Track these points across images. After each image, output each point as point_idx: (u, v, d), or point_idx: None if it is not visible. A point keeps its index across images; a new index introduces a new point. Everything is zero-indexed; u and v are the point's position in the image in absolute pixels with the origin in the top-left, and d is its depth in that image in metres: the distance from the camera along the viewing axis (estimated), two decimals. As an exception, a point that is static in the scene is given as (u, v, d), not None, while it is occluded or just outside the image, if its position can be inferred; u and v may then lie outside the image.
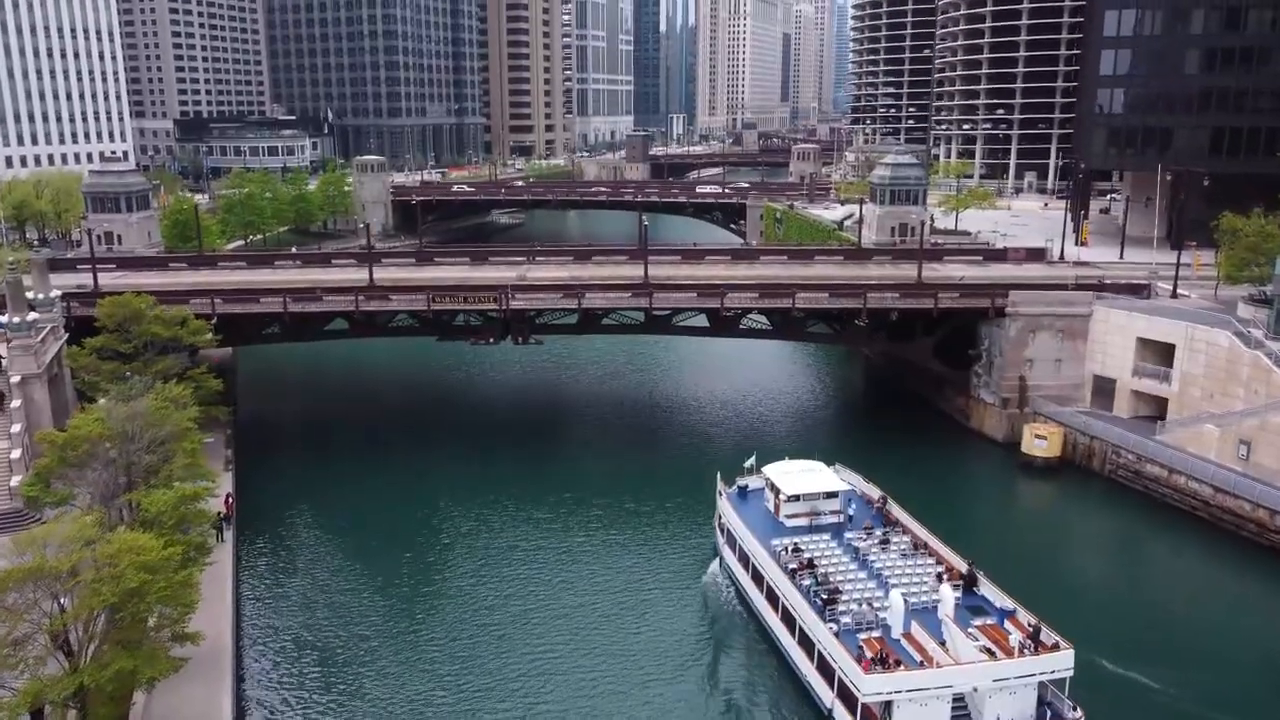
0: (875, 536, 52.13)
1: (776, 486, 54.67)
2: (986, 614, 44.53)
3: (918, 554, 50.40)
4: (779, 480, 54.80)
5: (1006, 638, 42.45)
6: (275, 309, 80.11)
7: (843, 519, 53.90)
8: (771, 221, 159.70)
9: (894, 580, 47.41)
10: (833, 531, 52.61)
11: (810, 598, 45.45)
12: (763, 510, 55.45)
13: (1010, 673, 40.34)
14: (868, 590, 46.74)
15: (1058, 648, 41.12)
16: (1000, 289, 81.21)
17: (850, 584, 47.30)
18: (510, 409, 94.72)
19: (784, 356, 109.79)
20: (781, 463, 57.43)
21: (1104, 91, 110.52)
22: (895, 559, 49.94)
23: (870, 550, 50.72)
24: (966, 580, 46.61)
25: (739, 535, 53.77)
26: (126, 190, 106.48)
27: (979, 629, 43.14)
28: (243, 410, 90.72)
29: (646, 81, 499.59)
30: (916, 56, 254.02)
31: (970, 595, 45.75)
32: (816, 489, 54.10)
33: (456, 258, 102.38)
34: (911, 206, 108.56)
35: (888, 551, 50.82)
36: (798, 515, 53.49)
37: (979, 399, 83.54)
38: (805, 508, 53.68)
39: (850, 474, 59.32)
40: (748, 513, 55.05)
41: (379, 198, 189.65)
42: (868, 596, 45.95)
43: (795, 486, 54.12)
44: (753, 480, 58.48)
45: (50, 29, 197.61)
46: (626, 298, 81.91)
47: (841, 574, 48.25)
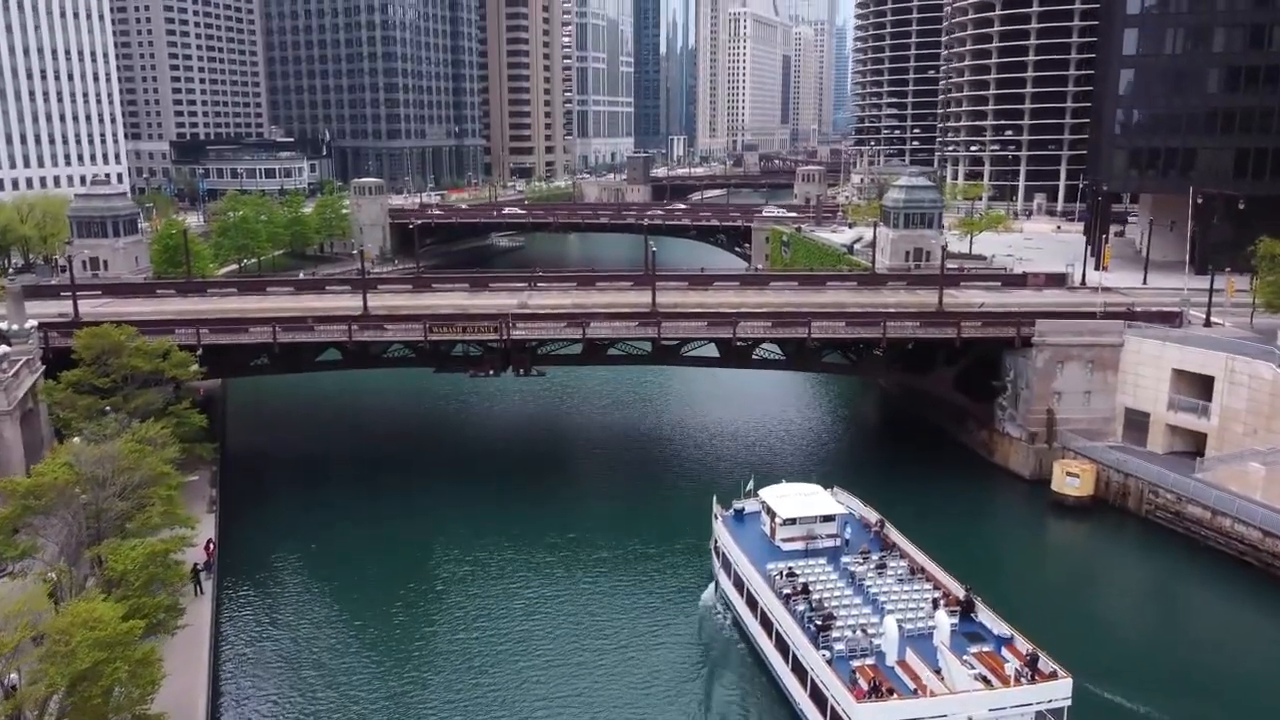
0: (872, 561, 50.89)
1: (772, 510, 53.73)
2: (984, 641, 43.52)
3: (915, 579, 49.23)
4: (775, 503, 53.82)
5: (1003, 666, 41.30)
6: (264, 339, 76.25)
7: (839, 543, 52.87)
8: (778, 245, 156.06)
9: (890, 606, 46.24)
10: (829, 556, 51.68)
11: (804, 623, 44.60)
12: (759, 534, 54.51)
13: (1006, 702, 39.36)
14: (863, 616, 45.69)
15: (1055, 676, 40.04)
16: (1026, 317, 77.31)
17: (845, 610, 46.30)
18: (509, 440, 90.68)
19: (794, 385, 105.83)
20: (778, 485, 56.48)
21: (1123, 112, 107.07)
22: (892, 584, 48.75)
23: (866, 575, 49.53)
24: (964, 606, 45.51)
25: (734, 559, 52.74)
26: (113, 214, 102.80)
27: (975, 656, 42.14)
28: (232, 443, 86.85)
29: (647, 103, 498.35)
30: (921, 77, 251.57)
31: (967, 622, 44.75)
32: (813, 512, 53.24)
33: (455, 284, 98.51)
34: (926, 230, 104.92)
35: (884, 576, 49.61)
36: (794, 539, 52.64)
37: (1003, 433, 79.50)
38: (801, 531, 52.80)
39: (848, 497, 58.18)
40: (743, 536, 53.94)
41: (377, 220, 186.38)
42: (862, 623, 44.91)
43: (791, 510, 53.23)
44: (749, 503, 57.48)
45: (44, 50, 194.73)
46: (633, 327, 78.03)
47: (836, 599, 47.26)
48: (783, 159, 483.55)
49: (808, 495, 54.98)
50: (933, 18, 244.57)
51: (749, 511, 57.03)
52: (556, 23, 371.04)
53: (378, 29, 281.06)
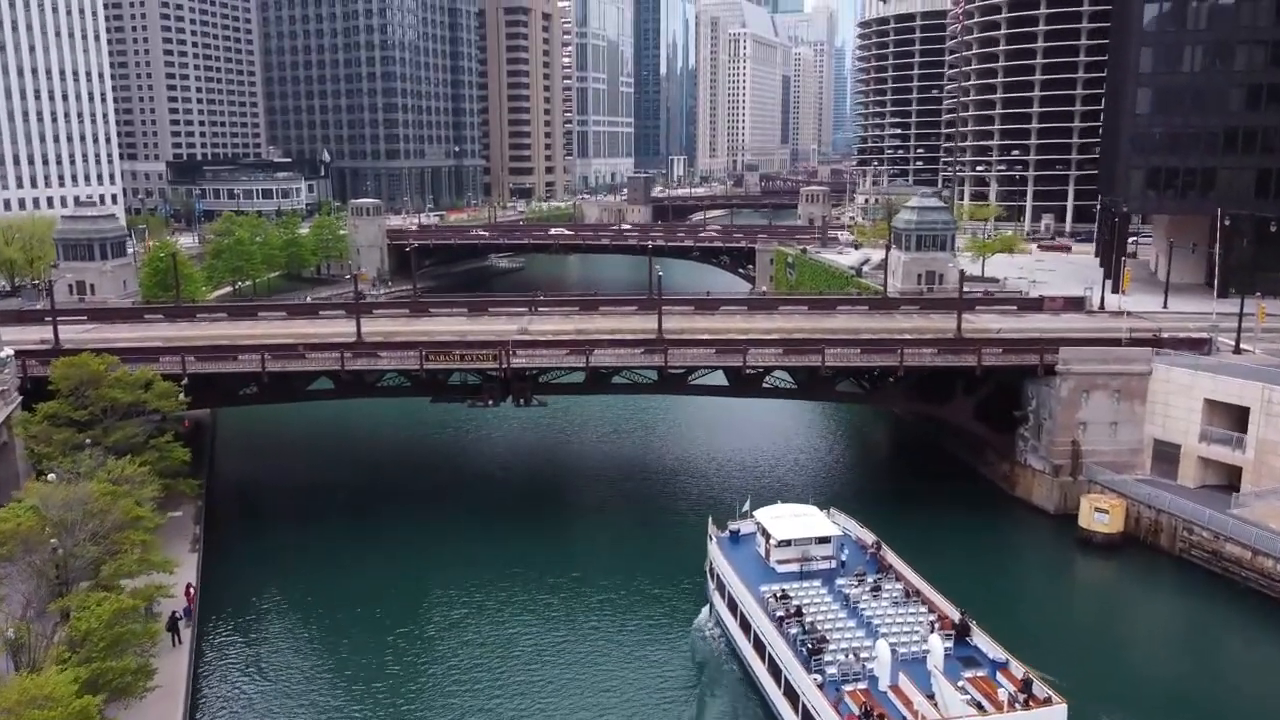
0: (867, 583, 50.11)
1: (767, 531, 53.04)
2: (978, 665, 42.80)
3: (910, 602, 48.49)
4: (770, 525, 53.19)
5: (997, 691, 40.66)
6: (253, 368, 72.82)
7: (835, 565, 52.24)
8: (783, 267, 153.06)
9: (883, 629, 45.59)
10: (824, 578, 51.00)
11: (796, 647, 44.07)
12: (753, 555, 53.90)
13: None
14: (856, 639, 45.04)
15: (1050, 702, 39.29)
16: (1049, 344, 74.01)
17: (838, 633, 45.66)
18: (508, 470, 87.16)
19: (802, 409, 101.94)
20: (774, 506, 56.03)
21: (1140, 131, 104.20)
22: (886, 607, 47.98)
23: (861, 598, 48.79)
24: (959, 630, 44.94)
25: (728, 581, 52.12)
26: (100, 236, 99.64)
27: (970, 681, 41.25)
28: (221, 474, 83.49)
29: (647, 123, 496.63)
30: (924, 97, 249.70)
31: (962, 645, 44.21)
32: (808, 534, 52.64)
33: (453, 308, 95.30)
34: (939, 253, 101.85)
35: (879, 599, 48.82)
36: (788, 560, 51.98)
37: (1026, 465, 76.02)
38: (796, 553, 52.09)
39: (845, 518, 57.63)
40: (738, 558, 53.39)
41: (374, 242, 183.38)
42: (855, 646, 44.19)
43: (786, 531, 52.63)
44: (745, 524, 56.77)
45: (38, 71, 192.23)
46: (638, 354, 74.72)
47: (830, 622, 46.60)
48: (783, 179, 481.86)
49: (803, 516, 54.25)
50: (935, 37, 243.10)
51: (744, 533, 56.27)
52: (556, 43, 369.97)
53: (376, 49, 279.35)
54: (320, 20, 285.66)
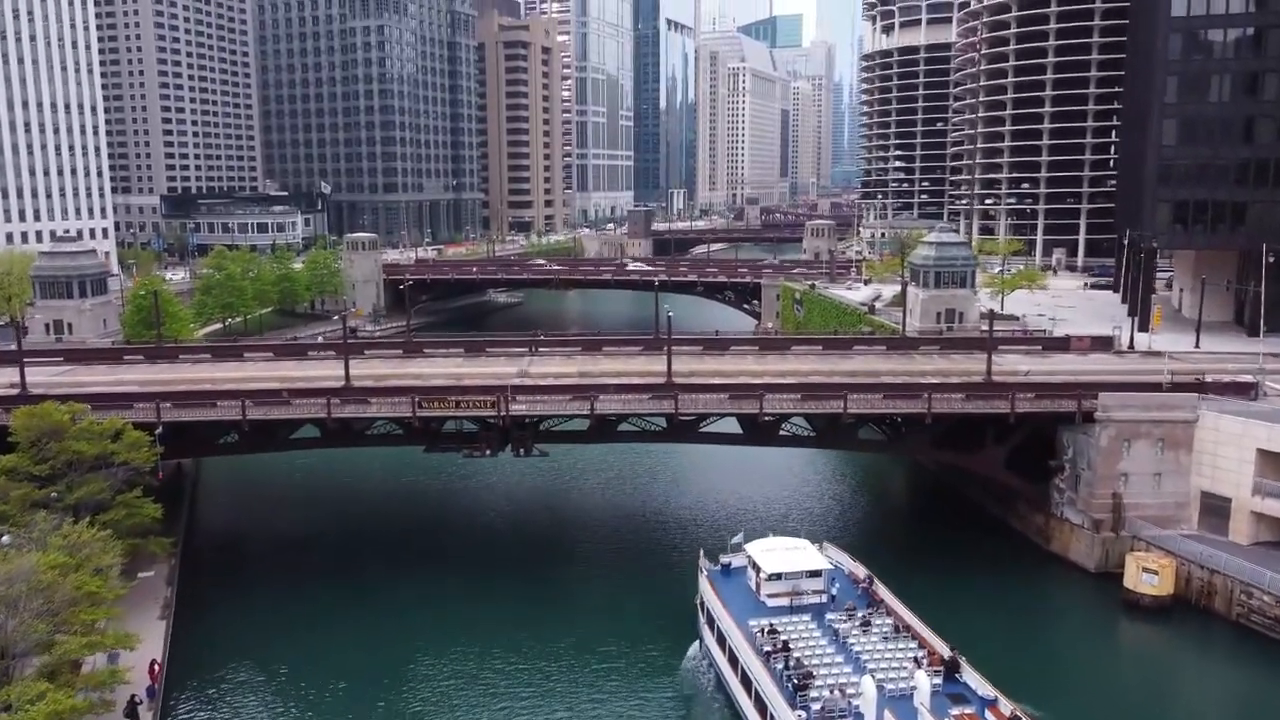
0: (857, 618, 49.35)
1: (757, 565, 52.48)
2: (967, 702, 41.60)
3: (899, 637, 47.67)
4: (760, 558, 52.61)
5: None
6: (233, 415, 67.80)
7: (825, 599, 51.53)
8: (790, 303, 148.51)
9: (871, 665, 44.79)
10: (813, 612, 50.28)
11: (781, 682, 43.55)
12: (744, 589, 53.35)
13: None
14: (843, 675, 44.20)
15: None
16: (1087, 389, 69.12)
17: (825, 668, 44.91)
18: (502, 514, 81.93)
19: (811, 455, 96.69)
20: (765, 539, 55.51)
21: (1166, 164, 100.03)
22: (875, 642, 47.19)
23: (851, 633, 48.05)
24: (948, 666, 44.10)
25: (717, 615, 51.61)
26: (80, 273, 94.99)
27: (957, 718, 40.00)
28: (200, 527, 78.28)
29: (646, 157, 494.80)
30: (929, 130, 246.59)
31: (952, 682, 43.17)
32: (799, 567, 52.00)
33: (449, 349, 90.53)
34: (959, 290, 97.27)
35: (869, 634, 48.02)
36: (779, 595, 51.40)
37: (1062, 518, 70.86)
38: (786, 587, 51.48)
39: (837, 551, 57.14)
40: (728, 592, 52.90)
41: (370, 276, 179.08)
42: (842, 682, 43.43)
43: (776, 565, 52.01)
44: (736, 558, 56.19)
45: (29, 103, 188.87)
46: (646, 401, 69.81)
47: (817, 657, 45.86)
48: (784, 212, 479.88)
49: (794, 550, 53.60)
50: (940, 69, 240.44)
51: (735, 566, 55.76)
52: (556, 77, 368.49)
53: (375, 82, 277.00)
54: (318, 53, 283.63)
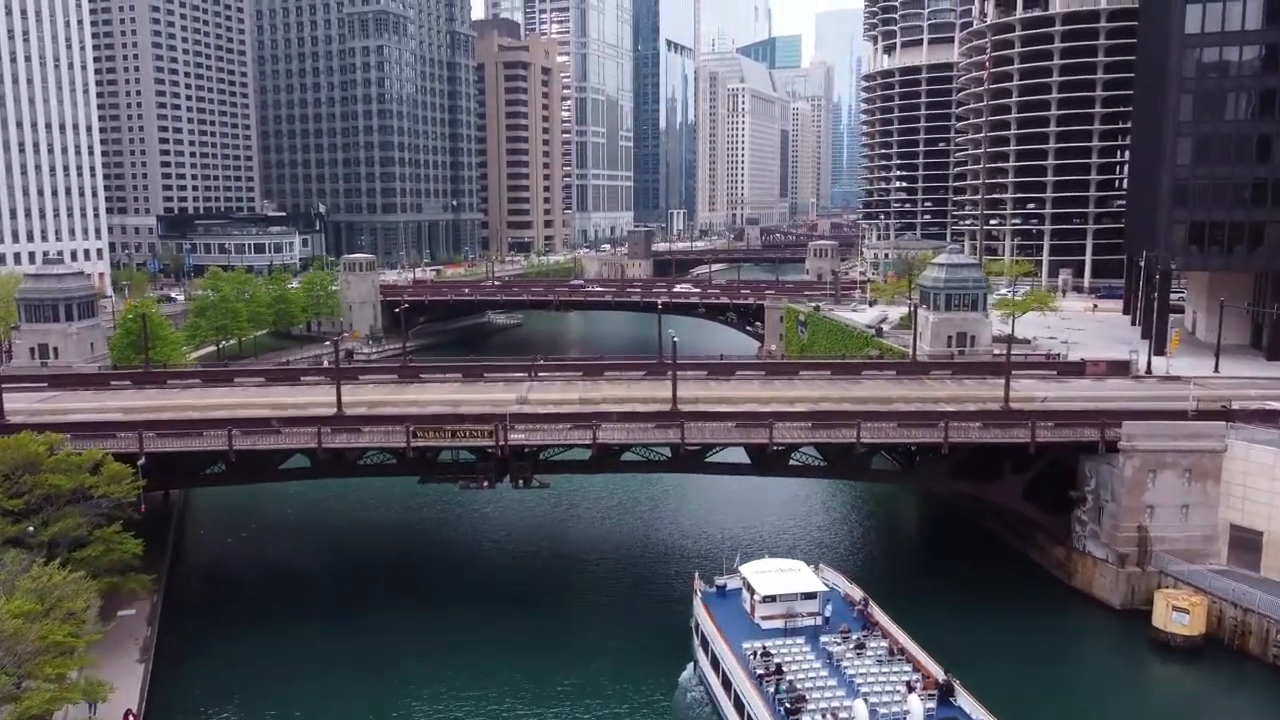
0: (851, 640, 48.88)
1: (752, 586, 52.18)
2: None
3: (894, 660, 47.26)
4: (754, 580, 52.34)
5: None
6: (219, 445, 64.87)
7: (819, 621, 51.10)
8: (794, 325, 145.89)
9: (865, 688, 44.47)
10: (808, 634, 49.90)
11: (774, 706, 43.21)
12: (738, 611, 53.01)
13: None
14: (835, 699, 43.79)
15: None
16: (1110, 417, 66.34)
17: (818, 691, 44.42)
18: (501, 549, 78.66)
19: (818, 481, 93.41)
20: (760, 561, 55.35)
21: (1181, 183, 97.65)
22: (869, 665, 46.75)
23: (844, 655, 47.65)
24: (943, 690, 43.53)
25: (711, 637, 51.11)
26: (66, 296, 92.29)
27: None
28: (187, 560, 75.40)
29: (646, 177, 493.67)
30: (931, 150, 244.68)
31: (946, 706, 42.93)
32: (793, 589, 51.63)
33: (446, 374, 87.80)
34: (970, 313, 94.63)
35: (863, 657, 47.58)
36: (773, 617, 51.13)
37: (1085, 552, 67.91)
38: (781, 609, 51.15)
39: (832, 573, 56.93)
40: (723, 614, 52.40)
41: (368, 298, 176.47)
42: (834, 705, 43.05)
43: (771, 587, 51.66)
44: (731, 580, 56.07)
45: (23, 123, 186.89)
46: (650, 429, 67.03)
47: (810, 680, 45.35)
48: (784, 232, 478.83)
49: (789, 572, 53.38)
50: (942, 89, 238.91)
51: (731, 588, 55.49)
52: (556, 97, 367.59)
53: (374, 102, 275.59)
54: (317, 74, 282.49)
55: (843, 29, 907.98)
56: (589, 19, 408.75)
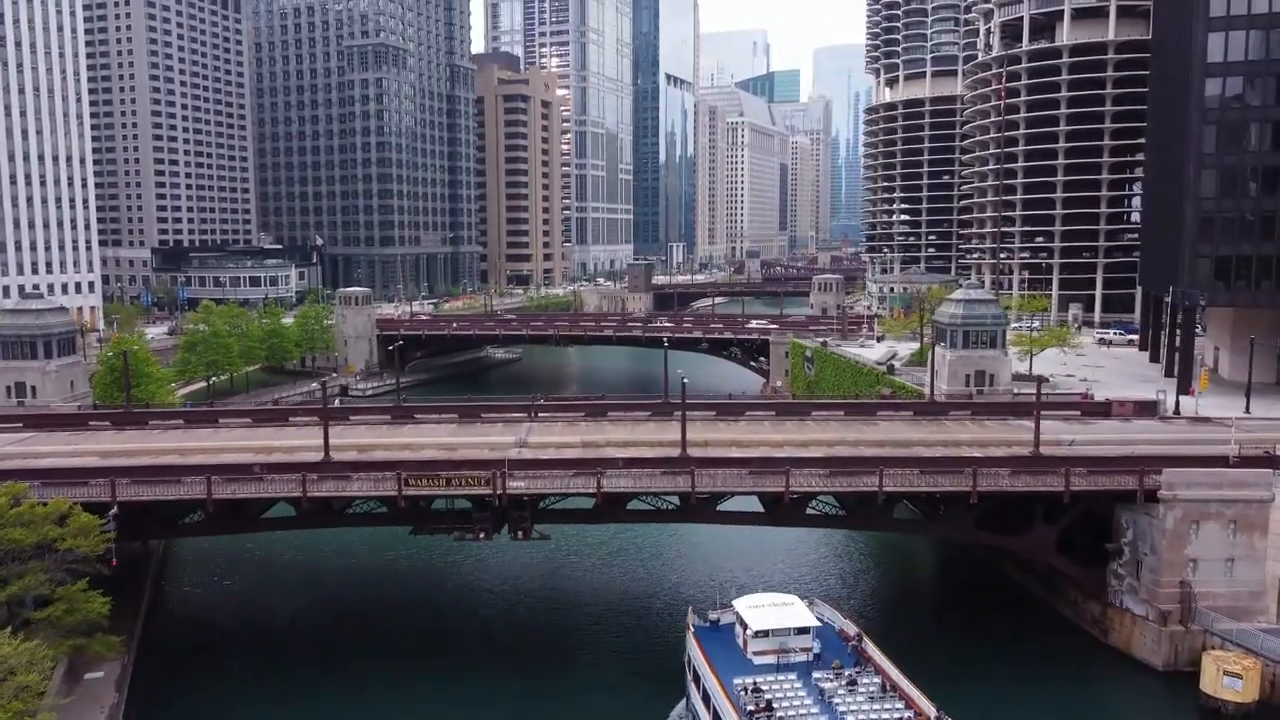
0: (844, 676, 47.85)
1: (744, 621, 51.55)
2: None
3: (886, 696, 46.21)
4: (747, 614, 51.73)
5: None
6: (198, 493, 60.71)
7: (812, 657, 50.25)
8: (800, 360, 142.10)
9: None
10: (800, 670, 49.06)
11: None
12: (731, 646, 52.34)
13: None
14: None
15: None
16: (1148, 463, 62.26)
17: None
18: (497, 596, 74.05)
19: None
20: (753, 595, 55.02)
21: (1205, 217, 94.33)
22: (861, 702, 45.65)
23: (836, 692, 46.56)
24: None
25: (702, 673, 50.39)
26: (45, 333, 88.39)
27: None
28: (164, 615, 70.72)
29: (646, 210, 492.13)
30: (935, 183, 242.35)
31: None
32: (786, 624, 50.82)
33: (442, 414, 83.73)
34: (989, 350, 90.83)
35: (855, 693, 46.44)
36: (766, 652, 50.28)
37: (1122, 608, 63.55)
38: (774, 644, 50.30)
39: (827, 608, 55.89)
40: (715, 648, 51.63)
41: (363, 333, 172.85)
42: None
43: (763, 621, 50.94)
44: (724, 614, 55.31)
45: (15, 154, 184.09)
46: (658, 476, 62.91)
47: (801, 717, 44.45)
48: (784, 266, 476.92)
49: (782, 606, 52.79)
50: (945, 122, 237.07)
51: (724, 623, 54.93)
52: (556, 130, 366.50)
53: (373, 134, 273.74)
54: (316, 106, 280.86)
55: (840, 64, 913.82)
56: (589, 53, 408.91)
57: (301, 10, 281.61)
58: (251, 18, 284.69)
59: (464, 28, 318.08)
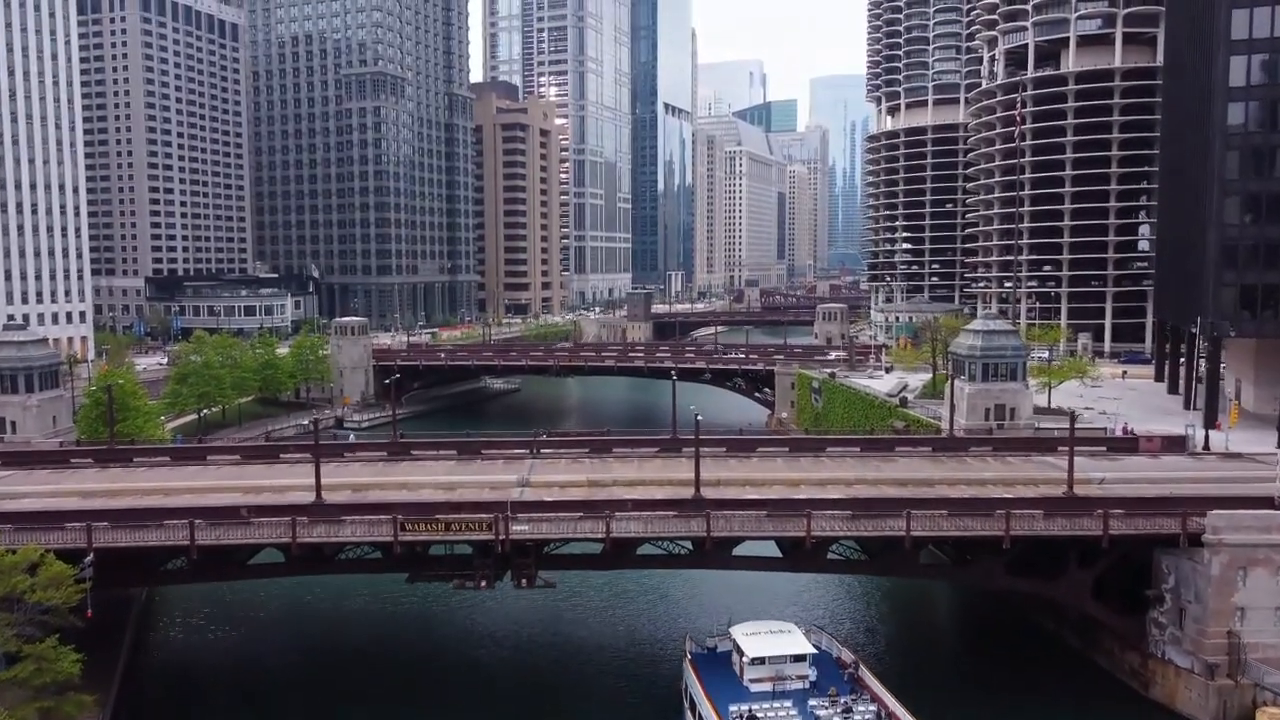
0: (840, 704, 48.00)
1: (741, 648, 52.02)
2: None
3: None
4: (743, 642, 52.25)
5: None
6: (180, 539, 56.94)
7: (808, 684, 50.57)
8: (806, 392, 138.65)
9: None
10: (796, 698, 49.30)
11: None
12: (727, 673, 52.62)
13: None
14: None
15: None
16: (1191, 505, 58.75)
17: None
18: (495, 634, 70.05)
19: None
20: (751, 623, 55.18)
21: (1229, 245, 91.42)
22: None
23: (832, 719, 46.81)
24: None
25: (698, 700, 50.74)
26: (26, 366, 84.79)
27: None
28: (145, 669, 66.55)
29: (644, 239, 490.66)
30: (938, 211, 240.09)
31: None
32: (782, 651, 51.39)
33: (440, 450, 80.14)
34: (1010, 383, 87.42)
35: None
36: (762, 679, 50.63)
37: (1165, 660, 59.73)
38: (770, 671, 50.74)
39: (824, 636, 56.58)
40: (711, 675, 51.95)
41: (359, 363, 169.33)
42: None
43: (760, 649, 51.50)
44: (721, 641, 55.75)
45: (7, 183, 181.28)
46: (671, 520, 59.26)
47: None
48: (784, 294, 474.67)
49: (779, 633, 53.39)
50: (948, 150, 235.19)
51: (721, 650, 55.21)
52: (554, 159, 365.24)
53: (370, 163, 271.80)
54: (313, 134, 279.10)
55: (836, 94, 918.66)
56: (587, 82, 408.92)
57: (300, 39, 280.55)
58: (249, 46, 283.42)
59: (462, 57, 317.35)
